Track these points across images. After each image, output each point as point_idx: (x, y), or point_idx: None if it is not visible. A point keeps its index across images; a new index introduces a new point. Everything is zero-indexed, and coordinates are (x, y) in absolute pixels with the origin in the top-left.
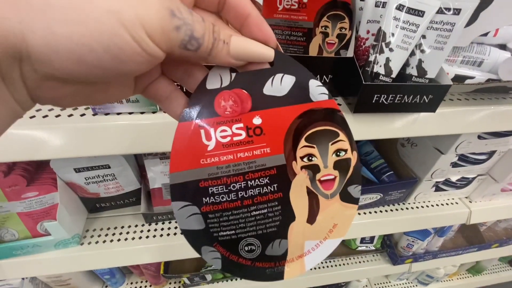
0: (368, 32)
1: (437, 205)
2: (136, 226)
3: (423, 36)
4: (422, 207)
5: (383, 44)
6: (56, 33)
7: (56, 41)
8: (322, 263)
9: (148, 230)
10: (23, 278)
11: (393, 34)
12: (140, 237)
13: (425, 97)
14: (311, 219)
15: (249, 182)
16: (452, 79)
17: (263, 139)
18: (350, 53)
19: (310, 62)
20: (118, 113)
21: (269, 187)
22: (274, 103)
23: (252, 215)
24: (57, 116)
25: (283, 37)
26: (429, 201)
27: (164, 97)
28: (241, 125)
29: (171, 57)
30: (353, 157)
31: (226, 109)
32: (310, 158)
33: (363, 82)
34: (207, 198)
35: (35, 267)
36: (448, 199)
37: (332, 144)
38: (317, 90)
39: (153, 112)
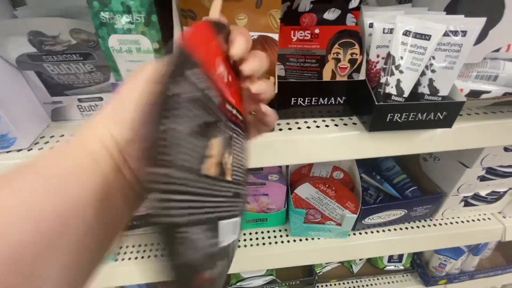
0: (378, 56)
1: (467, 221)
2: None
3: (432, 57)
4: (451, 223)
5: (393, 67)
6: None
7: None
8: (348, 282)
9: None
10: None
11: (402, 58)
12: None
13: (439, 114)
14: None
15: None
16: (468, 95)
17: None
18: (362, 75)
19: (324, 86)
20: None
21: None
22: None
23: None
24: None
25: (298, 64)
26: (458, 217)
27: None
28: None
29: None
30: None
31: None
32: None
33: (376, 103)
34: None
35: None
36: (480, 214)
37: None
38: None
39: None
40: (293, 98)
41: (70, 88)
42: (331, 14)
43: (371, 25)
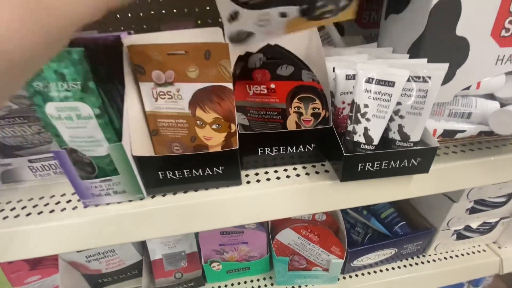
0: (343, 102)
1: (462, 254)
2: None
3: (399, 103)
4: (446, 258)
5: (359, 115)
6: None
7: None
8: None
9: None
10: None
11: (366, 105)
12: None
13: (413, 160)
14: None
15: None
16: (442, 135)
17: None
18: (329, 122)
19: (290, 136)
20: (107, 203)
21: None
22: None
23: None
24: (51, 211)
25: (259, 116)
26: (452, 251)
27: None
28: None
29: None
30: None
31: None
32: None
33: (344, 154)
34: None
35: None
36: (474, 247)
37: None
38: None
39: (141, 199)
40: (259, 148)
41: (20, 149)
42: (284, 70)
43: (334, 69)
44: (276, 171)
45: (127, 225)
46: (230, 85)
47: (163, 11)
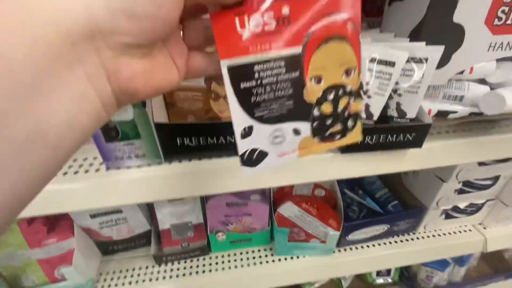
0: None
1: (449, 233)
2: (147, 268)
3: (398, 82)
4: (434, 236)
5: (361, 92)
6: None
7: (114, 6)
8: None
9: (158, 272)
10: None
11: (368, 83)
12: (151, 279)
13: (408, 135)
14: None
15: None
16: (436, 115)
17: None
18: None
19: None
20: (128, 167)
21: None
22: None
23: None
24: (75, 172)
25: None
26: (440, 230)
27: (202, 70)
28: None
29: (187, 3)
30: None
31: None
32: None
33: None
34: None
35: None
36: (461, 226)
37: None
38: None
39: (159, 164)
40: None
41: None
42: None
43: None
44: None
45: (146, 186)
46: None
47: None
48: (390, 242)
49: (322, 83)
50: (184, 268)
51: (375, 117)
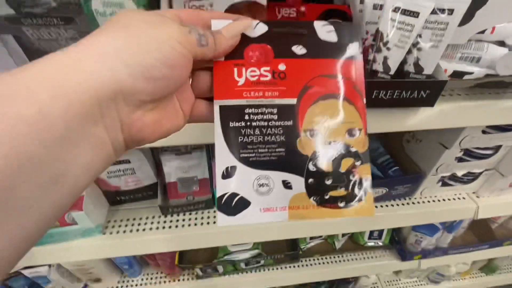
0: (367, 32)
1: (443, 199)
2: (153, 217)
3: (419, 35)
4: (429, 201)
5: (381, 43)
6: (131, 65)
7: (135, 71)
8: (331, 257)
9: (164, 222)
10: (49, 266)
11: (389, 34)
12: (157, 228)
13: (422, 92)
14: None
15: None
16: (451, 75)
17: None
18: None
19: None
20: None
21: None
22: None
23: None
24: None
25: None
26: (435, 196)
27: (204, 117)
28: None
29: (195, 60)
30: None
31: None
32: None
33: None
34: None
35: (62, 254)
36: (455, 194)
37: None
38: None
39: None
40: None
41: None
42: None
43: (361, 1)
44: None
45: None
46: (264, 1)
47: None
48: (386, 205)
49: (318, 137)
50: (189, 219)
51: (392, 71)
